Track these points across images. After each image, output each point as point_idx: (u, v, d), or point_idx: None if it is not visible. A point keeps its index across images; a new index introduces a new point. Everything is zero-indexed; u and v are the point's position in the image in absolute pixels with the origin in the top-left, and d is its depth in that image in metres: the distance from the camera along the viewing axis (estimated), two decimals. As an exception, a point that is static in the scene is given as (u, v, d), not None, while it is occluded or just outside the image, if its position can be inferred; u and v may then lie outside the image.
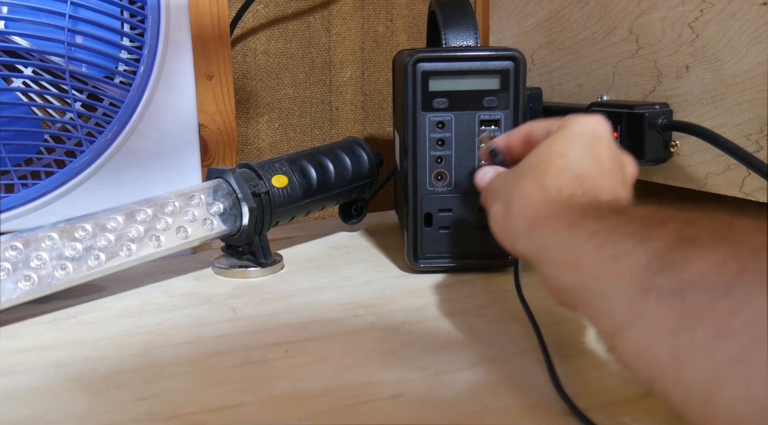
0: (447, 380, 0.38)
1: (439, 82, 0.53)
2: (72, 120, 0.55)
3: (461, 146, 0.54)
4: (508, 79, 0.53)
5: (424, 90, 0.53)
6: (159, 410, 0.35)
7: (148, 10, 0.56)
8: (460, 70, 0.53)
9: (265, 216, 0.56)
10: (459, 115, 0.54)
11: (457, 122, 0.54)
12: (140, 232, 0.50)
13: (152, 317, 0.47)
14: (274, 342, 0.43)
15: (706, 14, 0.59)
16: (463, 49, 0.55)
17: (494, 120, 0.54)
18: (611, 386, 0.37)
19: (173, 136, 0.58)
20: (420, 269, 0.56)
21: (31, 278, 0.45)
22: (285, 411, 0.34)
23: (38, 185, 0.54)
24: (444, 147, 0.54)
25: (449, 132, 0.54)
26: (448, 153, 0.54)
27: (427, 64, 0.53)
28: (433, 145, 0.54)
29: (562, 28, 0.76)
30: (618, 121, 0.64)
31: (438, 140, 0.54)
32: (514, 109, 0.54)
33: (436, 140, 0.54)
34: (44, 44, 0.53)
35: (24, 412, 0.35)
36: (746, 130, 0.56)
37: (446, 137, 0.54)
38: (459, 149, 0.54)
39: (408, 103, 0.53)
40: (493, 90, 0.53)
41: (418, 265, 0.56)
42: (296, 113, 0.83)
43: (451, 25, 0.57)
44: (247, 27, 0.78)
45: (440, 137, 0.54)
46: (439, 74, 0.53)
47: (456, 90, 0.53)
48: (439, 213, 0.55)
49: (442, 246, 0.56)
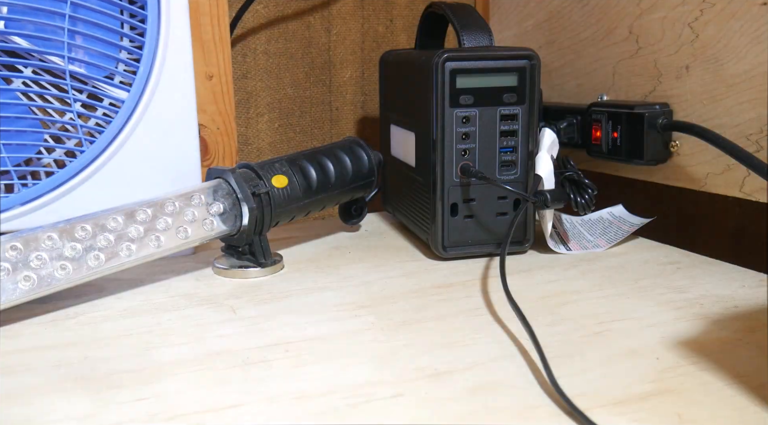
0: (447, 380, 0.38)
1: (464, 80, 0.57)
2: (72, 120, 0.55)
3: (484, 139, 0.58)
4: (525, 76, 0.58)
5: (452, 87, 0.57)
6: (159, 410, 0.35)
7: (148, 10, 0.56)
8: (485, 68, 0.57)
9: (265, 216, 0.56)
10: (482, 110, 0.57)
11: (480, 117, 0.58)
12: (140, 232, 0.50)
13: (152, 318, 0.47)
14: (274, 342, 0.43)
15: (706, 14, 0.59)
16: (485, 49, 0.59)
17: (513, 115, 0.58)
18: (611, 386, 0.37)
19: (173, 136, 0.58)
20: (447, 257, 0.60)
21: (31, 278, 0.45)
22: (285, 411, 0.34)
23: (38, 185, 0.54)
24: (468, 140, 0.58)
25: (473, 126, 0.57)
26: (473, 146, 0.58)
27: (454, 62, 0.56)
28: (459, 139, 0.57)
29: (562, 29, 0.76)
30: (618, 121, 0.64)
31: (463, 134, 0.57)
32: (530, 104, 0.58)
33: (461, 134, 0.57)
34: (44, 44, 0.53)
35: (24, 412, 0.35)
36: (746, 130, 0.56)
37: (471, 131, 0.57)
38: (482, 141, 0.58)
39: (436, 100, 0.57)
40: (511, 87, 0.58)
41: (446, 253, 0.59)
42: (296, 113, 0.83)
43: (467, 27, 0.61)
44: (247, 27, 0.78)
45: (465, 131, 0.57)
46: (465, 72, 0.57)
47: (479, 87, 0.57)
48: (463, 203, 0.59)
49: (467, 234, 0.59)
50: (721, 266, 0.57)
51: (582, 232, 0.63)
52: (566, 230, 0.63)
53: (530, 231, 0.61)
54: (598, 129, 0.66)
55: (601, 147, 0.66)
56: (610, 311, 0.47)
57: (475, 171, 0.57)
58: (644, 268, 0.57)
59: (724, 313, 0.47)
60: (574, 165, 0.60)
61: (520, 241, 0.60)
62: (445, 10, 0.63)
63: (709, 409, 0.34)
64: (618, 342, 0.42)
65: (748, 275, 0.54)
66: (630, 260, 0.58)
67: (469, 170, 0.57)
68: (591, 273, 0.55)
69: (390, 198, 0.73)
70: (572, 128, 0.70)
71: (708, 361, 0.39)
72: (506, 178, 0.59)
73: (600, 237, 0.62)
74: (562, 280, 0.54)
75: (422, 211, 0.61)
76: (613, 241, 0.62)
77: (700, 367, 0.39)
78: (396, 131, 0.69)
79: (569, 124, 0.69)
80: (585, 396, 0.35)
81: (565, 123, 0.69)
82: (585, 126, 0.69)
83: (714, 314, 0.47)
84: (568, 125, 0.69)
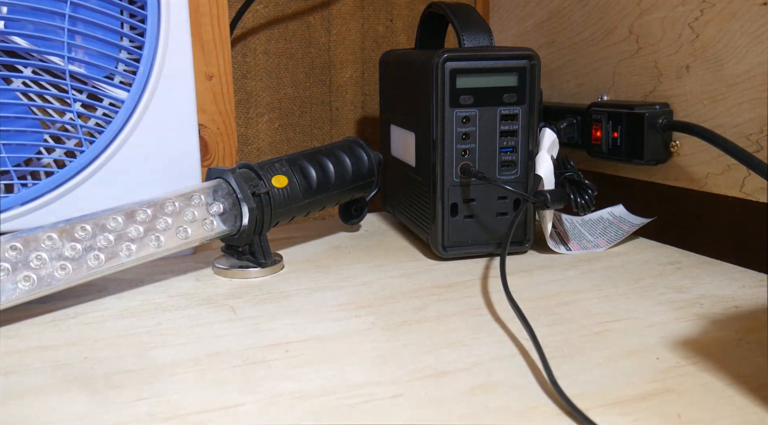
0: (447, 380, 0.38)
1: (465, 80, 0.57)
2: (72, 120, 0.55)
3: (484, 139, 0.58)
4: (525, 76, 0.57)
5: (452, 87, 0.56)
6: (159, 410, 0.35)
7: (148, 10, 0.56)
8: (485, 68, 0.57)
9: (265, 216, 0.56)
10: (482, 110, 0.57)
11: (480, 117, 0.57)
12: (140, 232, 0.50)
13: (152, 318, 0.47)
14: (274, 342, 0.43)
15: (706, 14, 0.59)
16: (485, 49, 0.59)
17: (513, 115, 0.58)
18: (611, 386, 0.37)
19: (173, 136, 0.58)
20: (447, 257, 0.59)
21: (31, 278, 0.45)
22: (285, 411, 0.34)
23: (38, 185, 0.54)
24: (468, 140, 0.57)
25: (474, 126, 0.57)
26: (473, 146, 0.58)
27: (454, 62, 0.56)
28: (459, 139, 0.57)
29: (562, 28, 0.76)
30: (618, 121, 0.64)
31: (463, 134, 0.57)
32: (530, 104, 0.58)
33: (462, 134, 0.57)
34: (44, 44, 0.53)
35: (24, 412, 0.35)
36: (746, 130, 0.56)
37: (471, 131, 0.57)
38: (482, 141, 0.58)
39: (435, 100, 0.56)
40: (512, 87, 0.57)
41: (446, 253, 0.59)
42: (296, 113, 0.83)
43: (467, 27, 0.61)
44: (247, 27, 0.78)
45: (465, 131, 0.57)
46: (465, 72, 0.56)
47: (479, 87, 0.57)
48: (463, 203, 0.59)
49: (467, 234, 0.59)
50: (721, 266, 0.57)
51: (582, 232, 0.63)
52: (566, 230, 0.63)
53: (530, 231, 0.61)
54: (598, 129, 0.66)
55: (601, 147, 0.66)
56: (610, 312, 0.47)
57: (475, 171, 0.57)
58: (644, 268, 0.57)
59: (724, 313, 0.47)
60: (575, 165, 0.60)
61: (520, 241, 0.60)
62: (444, 10, 0.63)
63: (709, 409, 0.34)
64: (618, 342, 0.42)
65: (748, 275, 0.54)
66: (630, 260, 0.59)
67: (469, 170, 0.57)
68: (591, 273, 0.55)
69: (390, 198, 0.73)
70: (572, 128, 0.70)
71: (708, 361, 0.39)
72: (506, 178, 0.59)
73: (600, 237, 0.62)
74: (562, 280, 0.54)
75: (422, 211, 0.61)
76: (613, 241, 0.62)
77: (700, 367, 0.39)
78: (396, 131, 0.69)
79: (569, 124, 0.69)
80: (585, 396, 0.35)
81: (566, 123, 0.69)
82: (585, 126, 0.69)
83: (714, 314, 0.47)
84: (569, 125, 0.69)
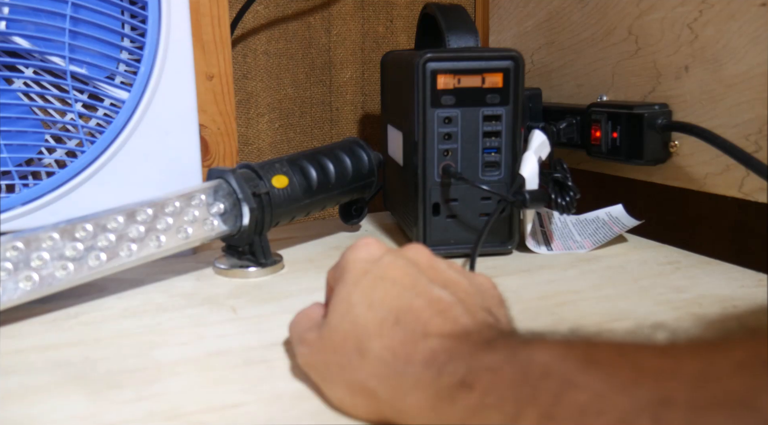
0: (446, 380, 0.38)
1: (446, 81, 0.56)
2: (73, 120, 0.55)
3: (466, 140, 0.58)
4: (509, 77, 0.57)
5: (433, 88, 0.56)
6: (159, 410, 0.35)
7: (149, 10, 0.56)
8: (466, 68, 0.56)
9: (266, 216, 0.56)
10: (465, 111, 0.57)
11: (462, 118, 0.57)
12: (141, 232, 0.50)
13: (152, 318, 0.47)
14: (274, 342, 0.43)
15: (705, 15, 0.59)
16: (468, 50, 0.59)
17: (496, 115, 0.58)
18: (610, 386, 0.37)
19: (173, 136, 0.58)
20: None
21: (32, 278, 0.45)
22: (285, 411, 0.35)
23: (39, 186, 0.54)
24: (450, 141, 0.58)
25: (455, 127, 0.57)
26: (455, 147, 0.58)
27: (435, 63, 0.56)
28: (441, 139, 0.57)
29: (562, 29, 0.76)
30: (617, 121, 0.64)
31: (445, 134, 0.57)
32: (514, 105, 0.58)
33: (443, 134, 0.57)
34: (45, 45, 0.54)
35: (24, 412, 0.35)
36: (745, 130, 0.56)
37: (453, 131, 0.57)
38: (464, 142, 0.58)
39: (417, 100, 0.56)
40: (495, 88, 0.57)
41: None
42: (296, 114, 0.83)
43: (453, 28, 0.61)
44: (248, 27, 0.79)
45: (447, 131, 0.57)
46: (447, 72, 0.56)
47: (461, 87, 0.57)
48: (445, 203, 0.59)
49: (449, 234, 0.59)
50: (721, 266, 0.57)
51: (572, 231, 0.63)
52: (552, 230, 0.63)
53: (515, 231, 0.60)
54: (597, 129, 0.66)
55: (600, 147, 0.66)
56: (610, 312, 0.47)
57: (454, 172, 0.57)
58: (644, 268, 0.57)
59: (723, 313, 0.47)
60: (566, 168, 0.60)
61: (503, 241, 0.60)
62: (435, 11, 0.63)
63: (707, 409, 0.34)
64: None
65: (748, 275, 0.54)
66: (630, 260, 0.59)
67: (449, 170, 0.57)
68: (591, 273, 0.56)
69: (389, 198, 0.73)
70: (572, 129, 0.70)
71: (707, 361, 0.39)
72: (489, 179, 0.59)
73: (587, 238, 0.62)
74: (562, 280, 0.54)
75: (410, 210, 0.61)
76: (599, 242, 0.61)
77: (698, 367, 0.39)
78: (390, 130, 0.69)
79: (569, 124, 0.69)
80: (584, 396, 0.35)
81: (565, 123, 0.69)
82: (585, 126, 0.69)
83: (713, 314, 0.47)
84: (568, 125, 0.69)
